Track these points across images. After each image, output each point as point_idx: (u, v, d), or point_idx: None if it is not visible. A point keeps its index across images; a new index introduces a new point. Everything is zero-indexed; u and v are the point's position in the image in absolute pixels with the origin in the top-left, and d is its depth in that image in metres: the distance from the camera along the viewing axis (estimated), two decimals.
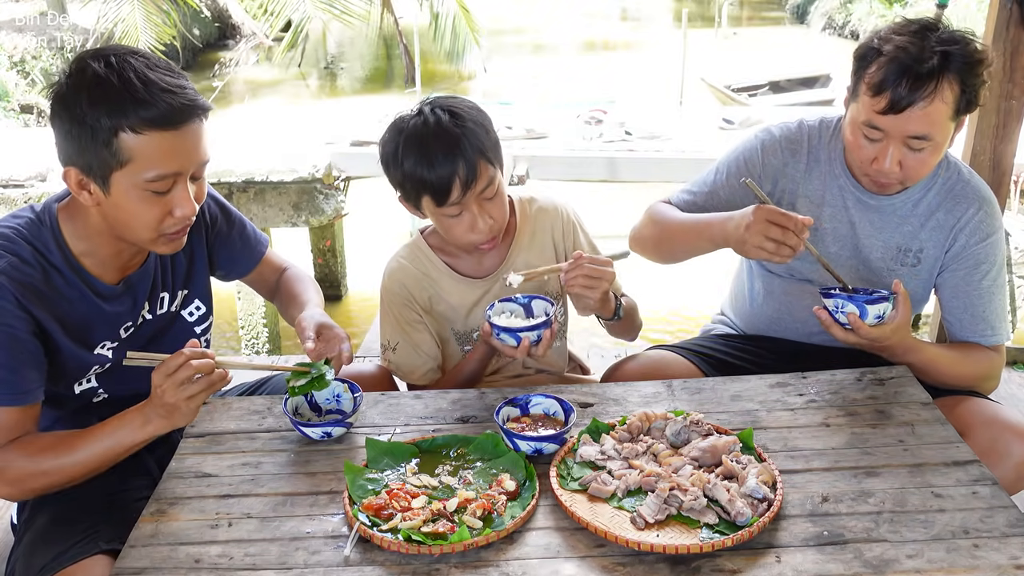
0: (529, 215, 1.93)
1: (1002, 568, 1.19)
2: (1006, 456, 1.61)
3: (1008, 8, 2.58)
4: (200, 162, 1.47)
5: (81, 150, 1.40)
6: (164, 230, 1.49)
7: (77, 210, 1.53)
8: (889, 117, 1.64)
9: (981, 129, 2.76)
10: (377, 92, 13.96)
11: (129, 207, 1.45)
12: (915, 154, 1.68)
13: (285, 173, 5.66)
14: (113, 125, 1.37)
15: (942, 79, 1.60)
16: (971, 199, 1.81)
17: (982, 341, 1.83)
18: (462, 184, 1.68)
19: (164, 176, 1.43)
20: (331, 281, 6.48)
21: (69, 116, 1.39)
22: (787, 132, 1.93)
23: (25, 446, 1.47)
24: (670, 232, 1.98)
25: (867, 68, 1.68)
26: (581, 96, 10.02)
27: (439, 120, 1.68)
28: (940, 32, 1.65)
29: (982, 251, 1.81)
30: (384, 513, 1.32)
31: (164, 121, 1.39)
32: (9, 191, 5.54)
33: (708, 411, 1.60)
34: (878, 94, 1.65)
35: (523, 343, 1.66)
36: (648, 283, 5.59)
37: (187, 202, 1.47)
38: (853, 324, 1.64)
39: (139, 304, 1.64)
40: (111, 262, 1.58)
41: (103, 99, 1.37)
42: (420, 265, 1.90)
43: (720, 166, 1.99)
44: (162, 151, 1.40)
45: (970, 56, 1.62)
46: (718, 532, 1.27)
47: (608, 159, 5.85)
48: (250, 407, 1.68)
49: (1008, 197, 3.15)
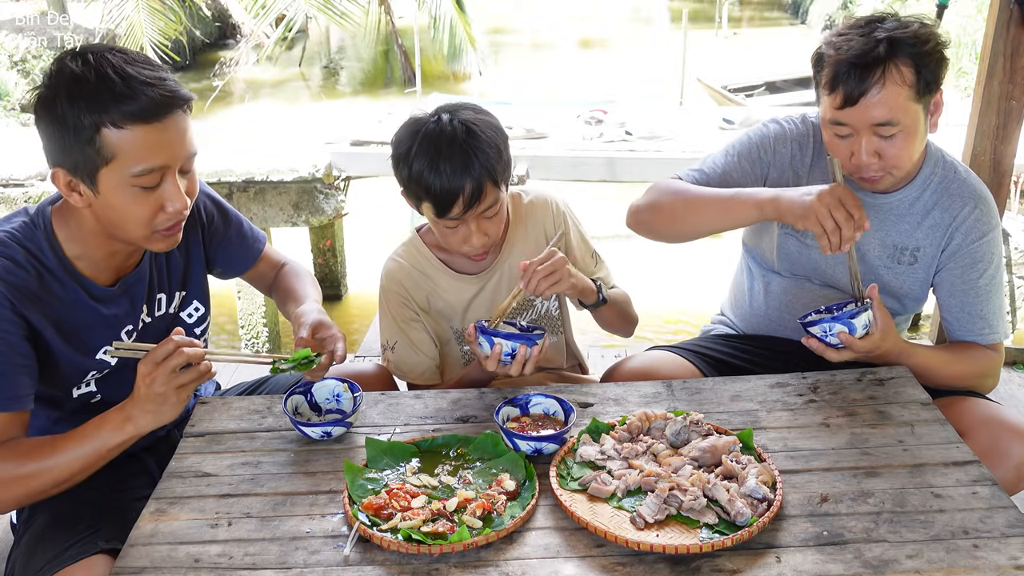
0: (520, 211, 1.94)
1: (1002, 568, 1.19)
2: (1006, 456, 1.61)
3: (1008, 8, 2.59)
4: (187, 155, 1.46)
5: (66, 150, 1.39)
6: (157, 226, 1.48)
7: (70, 212, 1.51)
8: (848, 111, 1.66)
9: (981, 129, 2.76)
10: (377, 92, 13.96)
11: (119, 205, 1.43)
12: (888, 141, 1.68)
13: (285, 173, 5.66)
14: (94, 122, 1.36)
15: (890, 64, 1.63)
16: (967, 197, 1.81)
17: (980, 340, 1.83)
18: (465, 203, 1.68)
19: (151, 170, 1.41)
20: (331, 281, 6.47)
21: (51, 117, 1.38)
22: (794, 126, 1.93)
23: (9, 451, 1.44)
24: (697, 203, 1.87)
25: (821, 70, 1.71)
26: (581, 96, 10.01)
27: (455, 133, 1.67)
28: (887, 22, 1.67)
29: (979, 249, 1.80)
30: (384, 513, 1.32)
31: (145, 114, 1.37)
32: (9, 190, 5.54)
33: (708, 411, 1.60)
34: (833, 91, 1.68)
35: (495, 350, 1.63)
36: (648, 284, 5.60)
37: (178, 196, 1.45)
38: (846, 343, 1.65)
39: (137, 307, 1.63)
40: (105, 264, 1.57)
41: (82, 96, 1.36)
42: (417, 263, 1.91)
43: (731, 149, 1.96)
44: (146, 145, 1.39)
45: (916, 37, 1.64)
46: (718, 532, 1.27)
47: (608, 159, 5.84)
48: (250, 407, 1.68)
49: (1008, 197, 3.15)
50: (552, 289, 1.68)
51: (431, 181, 1.67)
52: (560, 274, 1.68)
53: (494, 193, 1.71)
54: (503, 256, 1.91)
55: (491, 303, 1.92)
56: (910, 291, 1.88)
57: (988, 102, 2.72)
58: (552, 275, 1.67)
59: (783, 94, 10.39)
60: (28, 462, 1.43)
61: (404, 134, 1.73)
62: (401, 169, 1.74)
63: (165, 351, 1.36)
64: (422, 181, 1.69)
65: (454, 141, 1.67)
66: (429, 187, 1.68)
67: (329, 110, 10.89)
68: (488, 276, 1.91)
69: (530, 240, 1.93)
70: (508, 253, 1.91)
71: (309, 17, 11.64)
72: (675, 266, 6.21)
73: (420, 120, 1.73)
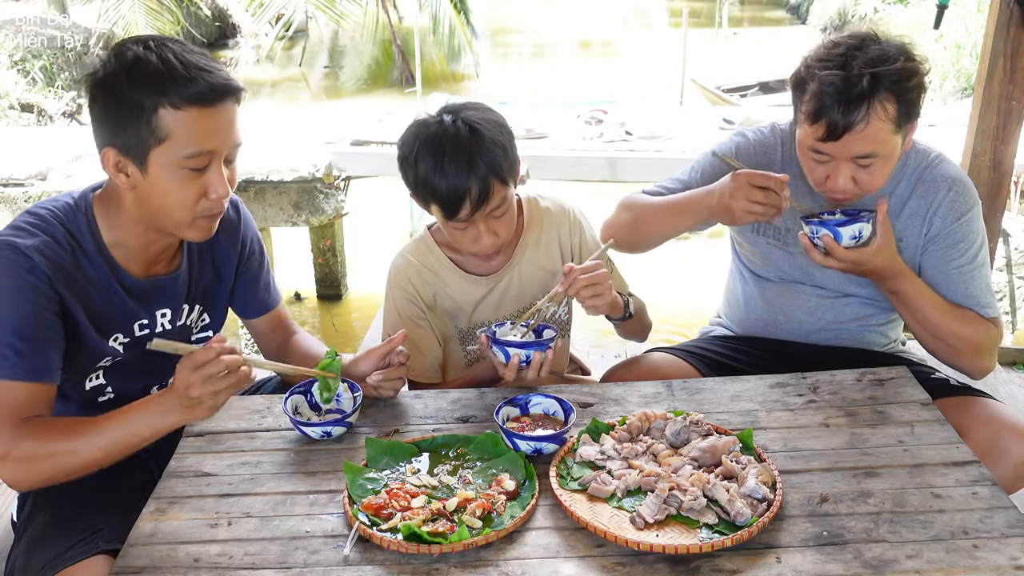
0: (536, 215, 1.93)
1: (1001, 568, 1.19)
2: (1005, 455, 1.61)
3: (1008, 8, 2.59)
4: (234, 143, 1.51)
5: (120, 130, 1.44)
6: (199, 212, 1.52)
7: (111, 199, 1.56)
8: (830, 144, 1.66)
9: (981, 129, 2.76)
10: (377, 92, 13.94)
11: (165, 187, 1.47)
12: (866, 169, 1.69)
13: (285, 172, 5.66)
14: (154, 102, 1.41)
15: (873, 101, 1.61)
16: (940, 182, 1.81)
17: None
18: (472, 204, 1.67)
19: (201, 153, 1.46)
20: (331, 281, 6.47)
21: (109, 97, 1.44)
22: (760, 137, 1.96)
23: (38, 428, 1.44)
24: (648, 214, 1.98)
25: (802, 96, 1.70)
26: (581, 96, 10.00)
27: (458, 134, 1.67)
28: (867, 51, 1.64)
29: (958, 230, 1.80)
30: (384, 513, 1.32)
31: (202, 98, 1.43)
32: (9, 190, 5.53)
33: (708, 411, 1.60)
34: (815, 123, 1.66)
35: (512, 360, 1.64)
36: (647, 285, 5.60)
37: (221, 183, 1.50)
38: (828, 247, 1.67)
39: (161, 308, 1.65)
40: (140, 256, 1.60)
41: (144, 77, 1.41)
42: (426, 261, 1.91)
43: (695, 165, 2.02)
44: (200, 127, 1.44)
45: (899, 74, 1.62)
46: (718, 532, 1.27)
47: (608, 159, 5.84)
48: (250, 406, 1.68)
49: (1008, 197, 3.15)
50: (592, 300, 1.68)
51: (437, 183, 1.67)
52: (603, 287, 1.68)
53: (502, 192, 1.70)
54: (515, 259, 1.90)
55: (499, 305, 1.91)
56: None
57: (988, 102, 2.72)
58: (594, 286, 1.66)
59: (776, 94, 10.38)
60: (57, 441, 1.44)
61: (408, 137, 1.73)
62: (407, 172, 1.73)
63: (205, 357, 1.36)
64: (428, 184, 1.68)
65: (458, 142, 1.66)
66: (435, 189, 1.68)
67: (329, 110, 10.89)
68: (499, 278, 1.91)
69: (543, 245, 1.93)
70: (520, 256, 1.91)
71: (309, 16, 11.63)
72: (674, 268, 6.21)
73: (424, 122, 1.72)
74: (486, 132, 1.68)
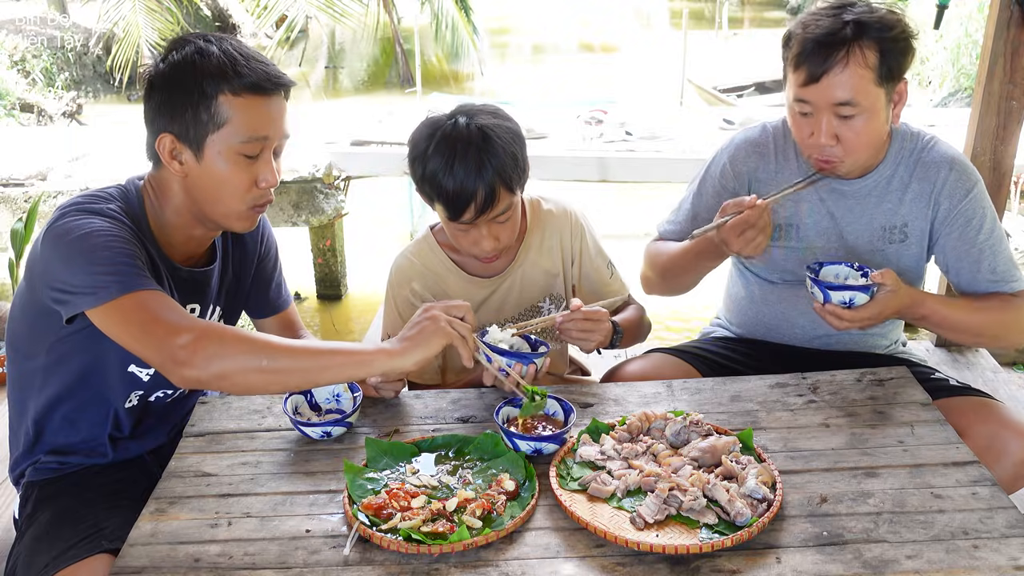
0: (539, 217, 1.93)
1: (1001, 569, 1.19)
2: (1004, 454, 1.61)
3: (1008, 8, 2.59)
4: (284, 134, 1.58)
5: (179, 116, 1.50)
6: (248, 201, 1.56)
7: (159, 187, 1.59)
8: (811, 88, 1.69)
9: (981, 129, 2.76)
10: (377, 92, 13.95)
11: (219, 172, 1.52)
12: (847, 124, 1.70)
13: (285, 173, 5.61)
14: (215, 89, 1.48)
15: (854, 45, 1.65)
16: (939, 163, 1.83)
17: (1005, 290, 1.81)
18: (477, 208, 1.67)
19: (255, 138, 1.52)
20: (331, 281, 6.46)
21: (170, 85, 1.50)
22: (751, 137, 1.97)
23: (243, 334, 1.42)
24: (671, 266, 2.01)
25: (789, 48, 1.74)
26: (581, 96, 10.00)
27: (471, 137, 1.66)
28: (857, 6, 1.70)
29: (968, 207, 1.81)
30: (384, 513, 1.32)
31: (259, 87, 1.51)
32: (9, 190, 5.53)
33: (708, 411, 1.60)
34: (798, 68, 1.71)
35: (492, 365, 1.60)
36: None
37: (271, 173, 1.56)
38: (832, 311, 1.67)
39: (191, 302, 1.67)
40: (180, 248, 1.64)
41: (206, 66, 1.49)
42: (428, 262, 1.91)
43: (695, 189, 2.04)
44: (257, 115, 1.51)
45: (883, 21, 1.67)
46: (718, 532, 1.27)
47: (608, 159, 5.83)
48: (250, 406, 1.68)
49: (1008, 197, 3.15)
50: (580, 336, 1.72)
51: (444, 182, 1.67)
52: (595, 336, 1.72)
53: (508, 199, 1.70)
54: (517, 262, 1.91)
55: (500, 308, 1.91)
56: (907, 268, 1.88)
57: (988, 102, 2.72)
58: (587, 332, 1.71)
59: (773, 94, 10.39)
60: (284, 357, 1.41)
61: (421, 134, 1.73)
62: (416, 168, 1.73)
63: (462, 307, 1.52)
64: (435, 182, 1.68)
65: (470, 144, 1.66)
66: (442, 188, 1.68)
67: (329, 110, 10.88)
68: (500, 281, 1.91)
69: (545, 248, 1.93)
70: (523, 259, 1.91)
71: (309, 17, 11.62)
72: None
73: (437, 120, 1.72)
74: (498, 139, 1.68)
